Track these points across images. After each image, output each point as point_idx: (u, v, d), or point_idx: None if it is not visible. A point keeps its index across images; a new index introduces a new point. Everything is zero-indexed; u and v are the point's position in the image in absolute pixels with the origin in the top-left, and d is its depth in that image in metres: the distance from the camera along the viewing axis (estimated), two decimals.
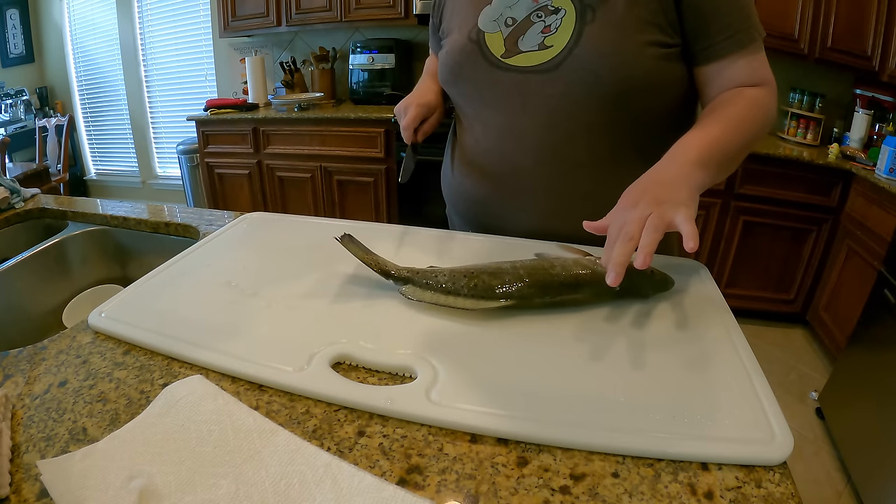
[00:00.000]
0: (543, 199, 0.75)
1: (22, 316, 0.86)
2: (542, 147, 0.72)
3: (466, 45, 0.74)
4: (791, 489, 0.37)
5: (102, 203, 1.03)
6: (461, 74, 0.76)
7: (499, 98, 0.73)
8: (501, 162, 0.75)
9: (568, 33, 0.68)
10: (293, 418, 0.44)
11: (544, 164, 0.73)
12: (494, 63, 0.73)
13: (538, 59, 0.70)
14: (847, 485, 1.56)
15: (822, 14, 2.20)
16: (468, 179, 0.81)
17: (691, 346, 0.52)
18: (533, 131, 0.72)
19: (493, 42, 0.73)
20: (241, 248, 0.75)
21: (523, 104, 0.72)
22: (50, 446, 0.41)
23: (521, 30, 0.71)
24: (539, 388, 0.45)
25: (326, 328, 0.54)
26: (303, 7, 2.84)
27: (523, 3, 0.71)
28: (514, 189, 0.76)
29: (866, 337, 1.65)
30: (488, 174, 0.78)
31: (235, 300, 0.60)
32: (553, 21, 0.69)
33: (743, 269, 2.35)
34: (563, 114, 0.70)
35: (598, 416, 0.42)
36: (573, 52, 0.67)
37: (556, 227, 0.75)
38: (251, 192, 2.96)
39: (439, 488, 0.37)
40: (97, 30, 3.88)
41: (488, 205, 0.80)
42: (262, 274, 0.66)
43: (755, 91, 0.67)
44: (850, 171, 2.07)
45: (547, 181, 0.73)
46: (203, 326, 0.55)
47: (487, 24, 0.73)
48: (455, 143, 0.84)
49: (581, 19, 0.67)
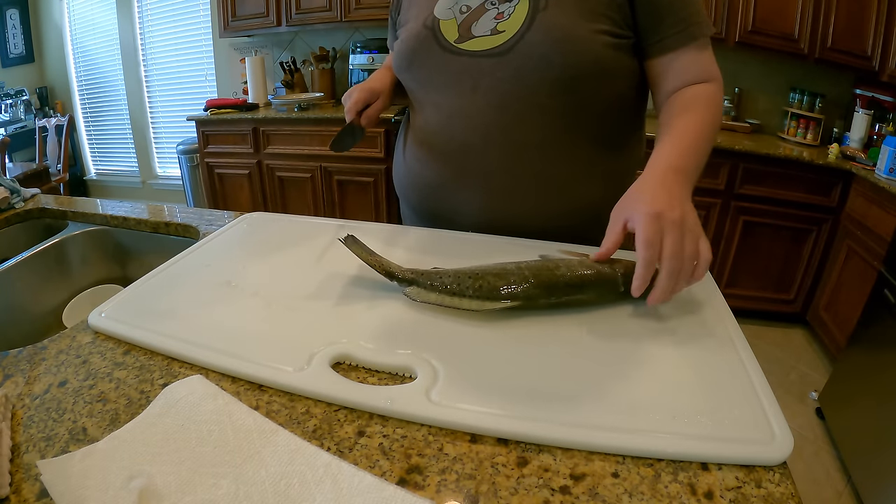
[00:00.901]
0: (493, 178, 0.77)
1: (22, 316, 0.86)
2: (491, 127, 0.74)
3: (421, 32, 0.76)
4: (791, 489, 0.37)
5: (102, 203, 1.03)
6: (415, 60, 0.78)
7: (450, 81, 0.75)
8: (451, 141, 0.77)
9: (521, 19, 0.70)
10: (293, 418, 0.44)
11: (493, 145, 0.74)
12: (447, 48, 0.75)
13: (490, 43, 0.72)
14: (847, 485, 1.56)
15: (822, 14, 2.20)
16: (419, 163, 0.83)
17: (691, 346, 0.52)
18: (482, 112, 0.73)
19: (447, 28, 0.75)
20: (241, 248, 0.75)
21: (473, 86, 0.73)
22: (50, 446, 0.41)
23: (474, 16, 0.74)
24: (539, 388, 0.45)
25: (326, 328, 0.54)
26: (303, 7, 2.84)
27: None
28: (463, 168, 0.77)
29: (866, 337, 1.65)
30: (438, 154, 0.79)
31: (235, 300, 0.60)
32: (506, 8, 0.72)
33: (743, 269, 2.35)
34: (512, 96, 0.72)
35: (598, 416, 0.42)
36: (525, 37, 0.70)
37: (506, 207, 0.77)
38: (251, 192, 2.97)
39: (439, 488, 0.37)
40: (97, 30, 3.88)
41: (438, 188, 0.81)
42: (262, 274, 0.66)
43: (707, 89, 0.71)
44: (850, 171, 2.07)
45: (496, 161, 0.75)
46: (203, 326, 0.55)
47: (443, 11, 0.76)
48: (407, 132, 0.87)
49: (534, 6, 0.70)
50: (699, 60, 0.71)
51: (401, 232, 0.80)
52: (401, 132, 0.90)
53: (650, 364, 0.49)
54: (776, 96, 2.56)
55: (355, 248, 0.62)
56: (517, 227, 0.77)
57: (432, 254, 0.72)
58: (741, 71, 2.56)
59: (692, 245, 0.52)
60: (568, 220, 0.78)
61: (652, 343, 0.52)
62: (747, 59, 2.51)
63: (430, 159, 0.80)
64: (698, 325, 0.55)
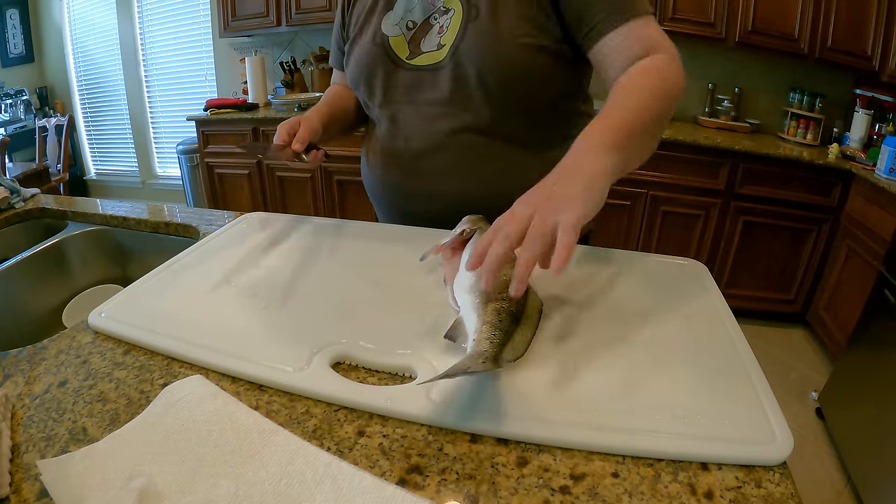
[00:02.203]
0: (445, 178, 0.80)
1: (22, 316, 0.86)
2: (438, 134, 0.78)
3: (372, 49, 0.80)
4: (791, 489, 0.37)
5: (102, 203, 1.03)
6: (368, 76, 0.81)
7: (400, 94, 0.80)
8: (405, 148, 0.81)
9: (455, 31, 0.74)
10: (293, 418, 0.44)
11: (445, 150, 0.78)
12: (399, 64, 0.79)
13: (435, 58, 0.76)
14: (847, 485, 1.56)
15: (822, 14, 2.20)
16: (381, 169, 0.86)
17: (691, 346, 0.52)
18: (429, 121, 0.78)
19: (397, 45, 0.79)
20: (241, 248, 0.75)
21: (423, 99, 0.78)
22: (50, 446, 0.41)
23: (422, 32, 0.77)
24: (539, 388, 0.45)
25: (326, 328, 0.54)
26: (303, 7, 2.84)
27: (420, 6, 0.77)
28: (418, 171, 0.81)
29: (866, 337, 1.65)
30: (396, 160, 0.83)
31: (235, 300, 0.60)
32: (445, 21, 0.75)
33: (743, 269, 2.35)
34: (453, 105, 0.76)
35: (598, 416, 0.42)
36: (459, 48, 0.73)
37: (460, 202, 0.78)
38: (251, 192, 2.96)
39: (439, 488, 0.37)
40: (97, 30, 3.88)
41: (400, 190, 0.85)
42: (261, 274, 0.66)
43: (650, 59, 0.66)
44: (850, 171, 2.07)
45: (452, 165, 0.79)
46: (203, 326, 0.55)
47: (390, 28, 0.79)
48: (368, 146, 0.90)
49: (466, 17, 0.73)
50: (634, 36, 0.67)
51: (402, 231, 0.80)
52: (363, 144, 0.94)
53: (650, 364, 0.49)
54: (776, 96, 2.56)
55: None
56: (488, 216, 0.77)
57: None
58: (741, 71, 2.56)
59: (549, 218, 0.45)
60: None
61: (652, 343, 0.52)
62: (747, 59, 2.51)
63: (390, 164, 0.84)
64: (698, 325, 0.55)
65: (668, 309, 0.58)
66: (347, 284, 0.63)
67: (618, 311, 0.58)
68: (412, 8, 0.77)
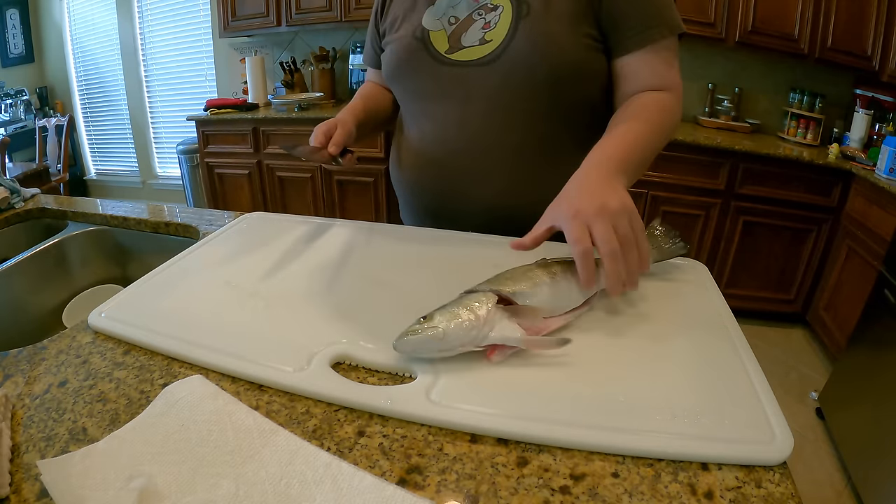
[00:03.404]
0: (488, 181, 0.79)
1: (22, 316, 0.86)
2: (482, 134, 0.76)
3: (412, 43, 0.78)
4: (791, 489, 0.37)
5: (102, 203, 1.03)
6: (406, 70, 0.80)
7: (442, 91, 0.78)
8: (446, 149, 0.79)
9: (505, 28, 0.73)
10: (293, 418, 0.44)
11: (486, 150, 0.77)
12: (438, 59, 0.77)
13: (478, 53, 0.74)
14: (847, 485, 1.56)
15: (822, 14, 2.20)
16: (417, 170, 0.84)
17: (691, 346, 0.52)
18: (474, 120, 0.76)
19: (437, 39, 0.77)
20: (241, 248, 0.75)
21: (465, 96, 0.76)
22: (50, 446, 0.41)
23: (463, 27, 0.76)
24: (539, 388, 0.45)
25: (326, 328, 0.54)
26: (303, 7, 2.84)
27: (464, 3, 0.76)
28: (459, 173, 0.79)
29: (866, 337, 1.65)
30: (434, 161, 0.81)
31: (235, 300, 0.60)
32: (492, 18, 0.74)
33: (743, 269, 2.35)
34: (501, 103, 0.75)
35: (598, 416, 0.42)
36: (510, 46, 0.72)
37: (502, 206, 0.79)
38: (251, 192, 2.96)
39: (439, 488, 0.37)
40: (97, 30, 3.88)
41: (437, 192, 0.83)
42: (262, 274, 0.66)
43: (658, 98, 0.71)
44: (850, 171, 2.07)
45: (489, 165, 0.77)
46: (203, 326, 0.55)
47: (431, 22, 0.78)
48: (401, 142, 0.88)
49: (517, 14, 0.72)
50: (655, 66, 0.72)
51: (402, 231, 0.80)
52: (394, 140, 0.91)
53: (650, 364, 0.49)
54: (776, 96, 2.56)
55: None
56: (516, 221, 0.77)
57: (436, 254, 0.72)
58: (741, 71, 2.56)
59: (624, 225, 0.52)
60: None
61: (652, 343, 0.52)
62: (747, 59, 2.51)
63: (427, 166, 0.82)
64: (698, 326, 0.55)
65: (668, 309, 0.58)
66: (347, 284, 0.63)
67: (618, 310, 0.58)
68: (456, 3, 0.76)
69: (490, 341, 0.48)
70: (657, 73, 0.72)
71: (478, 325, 0.47)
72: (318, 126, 0.76)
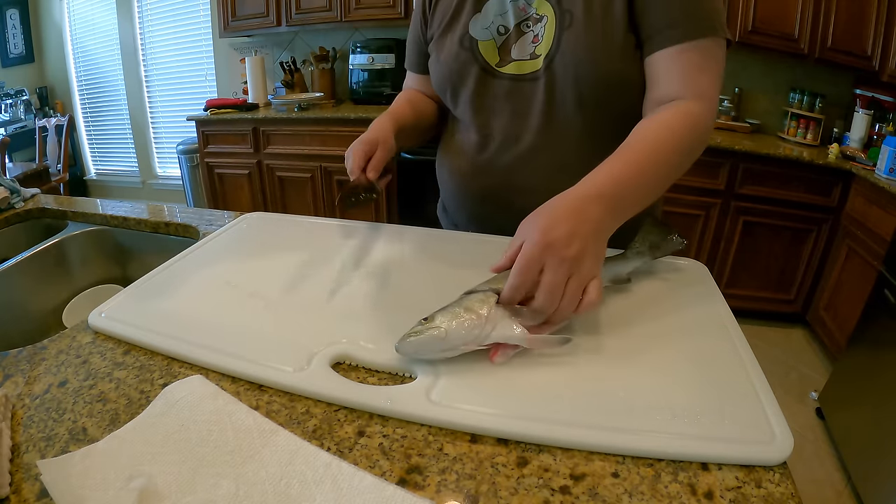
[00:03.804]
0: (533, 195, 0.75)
1: (22, 316, 0.86)
2: (532, 151, 0.75)
3: (460, 53, 0.76)
4: (791, 489, 0.37)
5: (102, 203, 1.03)
6: (456, 80, 0.78)
7: (492, 104, 0.76)
8: (494, 163, 0.78)
9: (549, 40, 0.70)
10: (293, 418, 0.44)
11: (535, 167, 0.75)
12: (489, 71, 0.75)
13: (529, 67, 0.73)
14: (847, 485, 1.56)
15: (822, 14, 2.20)
16: (463, 178, 0.82)
17: (691, 346, 0.52)
18: (524, 136, 0.75)
19: (486, 50, 0.75)
20: (241, 248, 0.75)
21: (514, 111, 0.75)
22: (50, 446, 0.41)
23: (512, 39, 0.74)
24: (539, 388, 0.45)
25: (326, 328, 0.54)
26: (303, 7, 2.84)
27: (512, 12, 0.73)
28: (506, 188, 0.78)
29: (866, 337, 1.65)
30: (483, 173, 0.79)
31: (235, 300, 0.60)
32: (539, 30, 0.72)
33: (743, 269, 2.35)
34: (549, 118, 0.73)
35: (598, 416, 0.42)
36: (555, 60, 0.70)
37: None
38: (251, 192, 2.96)
39: (439, 488, 0.37)
40: (97, 30, 3.88)
41: (482, 201, 0.81)
42: (262, 274, 0.66)
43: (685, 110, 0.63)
44: (850, 171, 2.06)
45: (537, 180, 0.75)
46: (203, 326, 0.55)
47: (479, 31, 0.75)
48: (450, 146, 0.85)
49: (560, 25, 0.69)
50: (683, 69, 0.64)
51: (402, 231, 0.80)
52: (443, 142, 0.89)
53: (650, 364, 0.49)
54: (776, 96, 2.56)
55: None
56: None
57: (436, 254, 0.72)
58: (741, 71, 2.56)
59: (577, 286, 0.48)
60: None
61: (652, 343, 0.52)
62: (747, 59, 2.51)
63: (474, 174, 0.81)
64: (698, 326, 0.55)
65: (668, 309, 0.58)
66: (347, 284, 0.63)
67: (618, 311, 0.58)
68: (504, 12, 0.73)
69: (492, 340, 0.48)
70: (688, 79, 0.64)
71: (479, 324, 0.47)
72: (355, 148, 0.71)
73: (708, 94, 0.65)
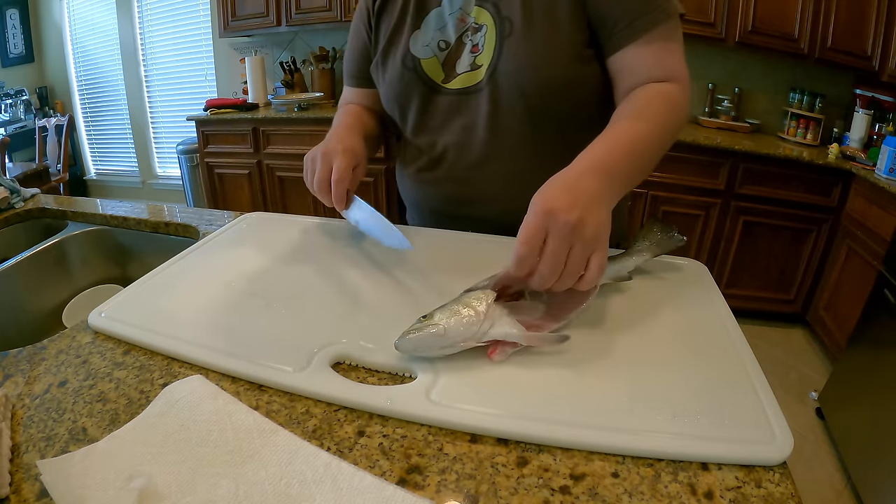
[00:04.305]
0: (493, 204, 0.78)
1: (22, 316, 0.86)
2: (484, 161, 0.75)
3: (404, 74, 0.75)
4: (791, 489, 0.37)
5: (102, 203, 1.03)
6: (403, 102, 0.78)
7: (440, 121, 0.76)
8: (449, 177, 0.79)
9: (491, 49, 0.70)
10: (293, 418, 0.44)
11: (488, 177, 0.76)
12: (435, 89, 0.75)
13: (472, 80, 0.72)
14: (847, 485, 1.56)
15: (822, 14, 2.20)
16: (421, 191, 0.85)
17: (691, 346, 0.52)
18: (475, 148, 0.75)
19: (429, 68, 0.74)
20: (241, 248, 0.75)
21: (463, 125, 0.75)
22: (50, 446, 0.41)
23: (456, 53, 0.73)
24: (539, 387, 0.45)
25: (326, 328, 0.54)
26: (303, 7, 2.84)
27: (452, 24, 0.72)
28: (464, 200, 0.80)
29: (866, 337, 1.65)
30: (439, 187, 0.81)
31: (235, 300, 0.60)
32: (479, 39, 0.71)
33: (743, 269, 2.35)
34: (498, 127, 0.73)
35: (598, 416, 0.42)
36: (497, 68, 0.70)
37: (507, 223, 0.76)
38: (251, 192, 2.97)
39: (439, 488, 0.37)
40: (97, 30, 3.88)
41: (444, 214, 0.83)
42: (261, 274, 0.66)
43: (663, 90, 0.64)
44: (850, 171, 2.07)
45: (494, 190, 0.77)
46: (203, 326, 0.55)
47: (420, 49, 0.74)
48: (406, 159, 0.86)
49: (500, 34, 0.69)
50: (653, 56, 0.65)
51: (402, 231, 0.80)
52: (399, 156, 0.89)
53: (650, 364, 0.49)
54: (776, 96, 2.56)
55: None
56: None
57: (436, 254, 0.72)
58: (741, 71, 2.56)
59: (580, 255, 0.48)
60: None
61: (651, 343, 0.52)
62: (747, 59, 2.51)
63: (432, 188, 0.83)
64: (698, 326, 0.55)
65: (668, 309, 0.58)
66: (347, 284, 0.63)
67: (617, 310, 0.58)
68: (443, 26, 0.72)
69: (490, 337, 0.48)
70: (659, 63, 0.66)
71: (478, 320, 0.47)
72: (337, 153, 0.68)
73: (680, 74, 0.66)
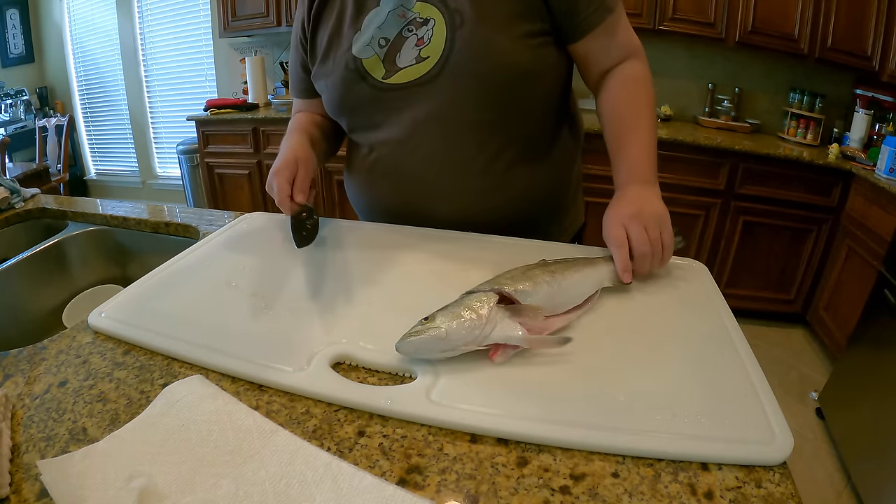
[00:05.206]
0: (452, 200, 0.77)
1: (22, 316, 0.86)
2: (435, 155, 0.74)
3: (346, 76, 0.74)
4: (791, 489, 0.37)
5: (102, 203, 1.03)
6: (346, 105, 0.77)
7: (388, 118, 0.75)
8: (401, 176, 0.77)
9: (441, 42, 0.69)
10: (293, 418, 0.44)
11: (444, 171, 0.75)
12: (377, 87, 0.73)
13: (418, 72, 0.71)
14: (847, 485, 1.56)
15: (822, 14, 2.20)
16: (371, 189, 0.83)
17: (691, 346, 0.52)
18: (425, 142, 0.74)
19: (371, 66, 0.73)
20: (241, 248, 0.75)
21: (412, 119, 0.73)
22: (50, 446, 0.41)
23: (395, 48, 0.72)
24: (539, 388, 0.45)
25: (326, 328, 0.54)
26: None
27: (392, 21, 0.71)
28: (420, 198, 0.78)
29: (866, 337, 1.65)
30: (388, 183, 0.80)
31: (235, 300, 0.60)
32: (425, 32, 0.70)
33: (743, 269, 2.35)
34: (450, 120, 0.72)
35: (598, 416, 0.42)
36: (450, 60, 0.69)
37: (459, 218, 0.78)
38: (251, 192, 2.96)
39: (439, 488, 0.37)
40: (97, 30, 3.88)
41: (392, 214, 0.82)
42: (262, 274, 0.66)
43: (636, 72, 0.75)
44: (850, 171, 2.06)
45: (451, 184, 0.76)
46: (203, 326, 0.55)
47: (361, 49, 0.73)
48: (354, 165, 0.85)
49: (451, 26, 0.69)
50: (618, 33, 0.74)
51: (403, 231, 0.80)
52: (347, 165, 0.88)
53: (650, 364, 0.49)
54: (776, 96, 2.56)
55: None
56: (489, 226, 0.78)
57: (437, 255, 0.72)
58: (741, 71, 2.56)
59: (655, 230, 0.63)
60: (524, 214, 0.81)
61: (651, 343, 0.52)
62: (747, 59, 2.51)
63: (382, 186, 0.81)
64: (699, 326, 0.55)
65: (669, 309, 0.58)
66: (348, 284, 0.63)
67: (618, 311, 0.58)
68: (381, 24, 0.72)
69: (492, 340, 0.48)
70: (620, 44, 0.74)
71: (480, 324, 0.47)
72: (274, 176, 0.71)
73: (637, 47, 0.76)
